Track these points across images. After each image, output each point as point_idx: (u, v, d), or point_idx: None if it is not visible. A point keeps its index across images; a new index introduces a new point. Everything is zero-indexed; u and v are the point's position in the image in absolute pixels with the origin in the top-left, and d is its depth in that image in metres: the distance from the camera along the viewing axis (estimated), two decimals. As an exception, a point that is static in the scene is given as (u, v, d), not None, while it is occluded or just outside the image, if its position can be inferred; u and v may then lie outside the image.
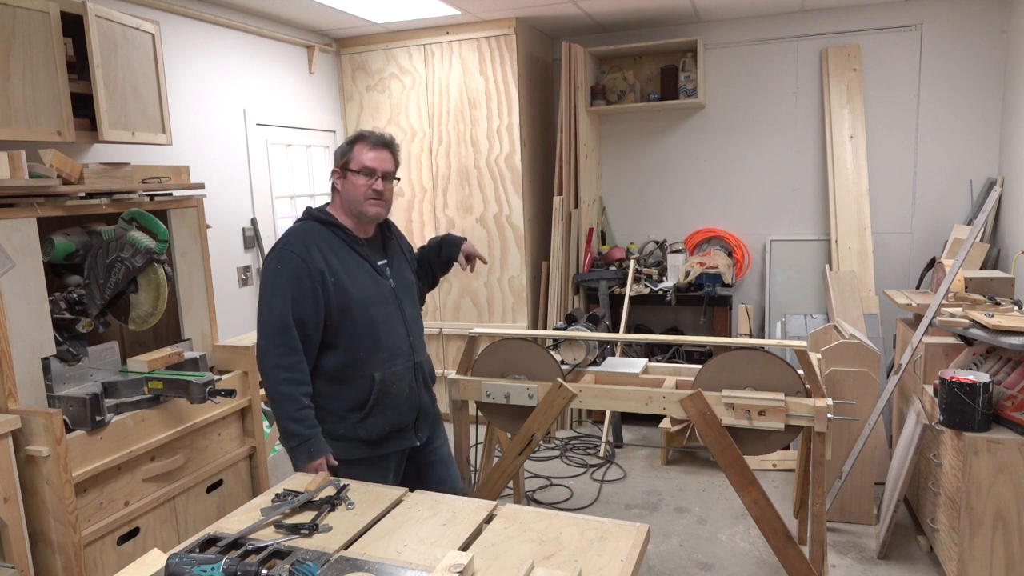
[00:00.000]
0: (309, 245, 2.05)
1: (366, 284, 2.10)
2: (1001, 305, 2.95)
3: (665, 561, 3.10)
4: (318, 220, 2.12)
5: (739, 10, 4.49)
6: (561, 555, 1.52)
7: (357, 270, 2.09)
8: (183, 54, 3.59)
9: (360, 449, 2.12)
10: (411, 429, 2.22)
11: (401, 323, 2.17)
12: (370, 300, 2.09)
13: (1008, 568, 2.59)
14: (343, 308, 2.05)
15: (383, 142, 2.13)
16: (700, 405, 2.39)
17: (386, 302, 2.14)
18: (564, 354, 2.79)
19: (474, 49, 4.50)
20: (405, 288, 2.24)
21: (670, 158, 4.98)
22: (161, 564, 1.45)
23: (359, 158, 2.09)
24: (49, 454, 2.10)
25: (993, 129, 4.29)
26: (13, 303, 2.14)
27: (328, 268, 2.04)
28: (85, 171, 2.39)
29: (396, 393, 2.14)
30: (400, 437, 2.20)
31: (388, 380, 2.11)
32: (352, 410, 2.09)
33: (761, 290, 4.87)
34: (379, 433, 2.13)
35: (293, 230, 2.11)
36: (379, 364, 2.10)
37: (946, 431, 2.75)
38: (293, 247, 2.04)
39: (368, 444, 2.13)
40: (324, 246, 2.06)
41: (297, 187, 4.58)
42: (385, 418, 2.13)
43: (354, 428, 2.10)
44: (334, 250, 2.08)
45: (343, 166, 2.11)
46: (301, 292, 2.00)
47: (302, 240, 2.06)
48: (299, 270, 2.00)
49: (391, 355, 2.13)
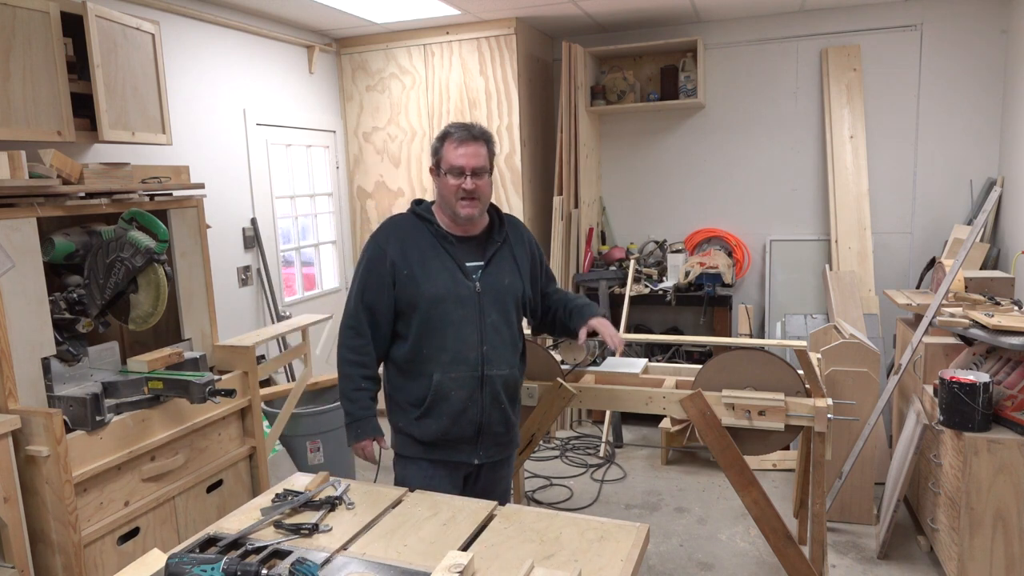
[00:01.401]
0: (391, 236, 2.06)
1: (442, 281, 2.02)
2: (1001, 305, 2.95)
3: (665, 561, 3.10)
4: (415, 214, 2.12)
5: (739, 10, 4.49)
6: (561, 555, 1.52)
7: (437, 266, 2.03)
8: (183, 54, 3.59)
9: (414, 447, 2.10)
10: (470, 444, 2.10)
11: (476, 329, 2.04)
12: (443, 298, 2.01)
13: (1008, 568, 2.59)
14: (411, 301, 2.03)
15: (471, 136, 2.02)
16: (700, 405, 2.39)
17: (463, 304, 2.03)
18: (564, 354, 2.79)
19: (474, 49, 4.50)
20: (495, 294, 2.08)
21: (670, 158, 4.98)
22: (161, 564, 1.45)
23: (448, 157, 2.02)
24: (49, 454, 2.10)
25: (993, 129, 4.29)
26: (13, 303, 2.14)
27: (403, 259, 2.03)
28: (85, 171, 2.39)
29: (454, 400, 2.04)
30: (456, 448, 2.09)
31: (446, 384, 2.03)
32: (412, 405, 2.07)
33: (761, 290, 4.87)
34: (432, 436, 2.06)
35: (387, 220, 2.14)
36: (440, 365, 2.03)
37: (946, 431, 2.75)
38: (377, 236, 2.09)
39: (422, 444, 2.09)
40: (408, 238, 2.06)
41: (297, 187, 4.57)
42: (440, 423, 2.05)
43: (411, 424, 2.08)
44: (418, 244, 2.05)
45: (437, 164, 2.06)
46: (373, 279, 2.04)
47: (387, 230, 2.09)
48: (374, 259, 2.05)
49: (454, 359, 2.03)
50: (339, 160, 4.91)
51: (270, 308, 4.17)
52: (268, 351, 4.11)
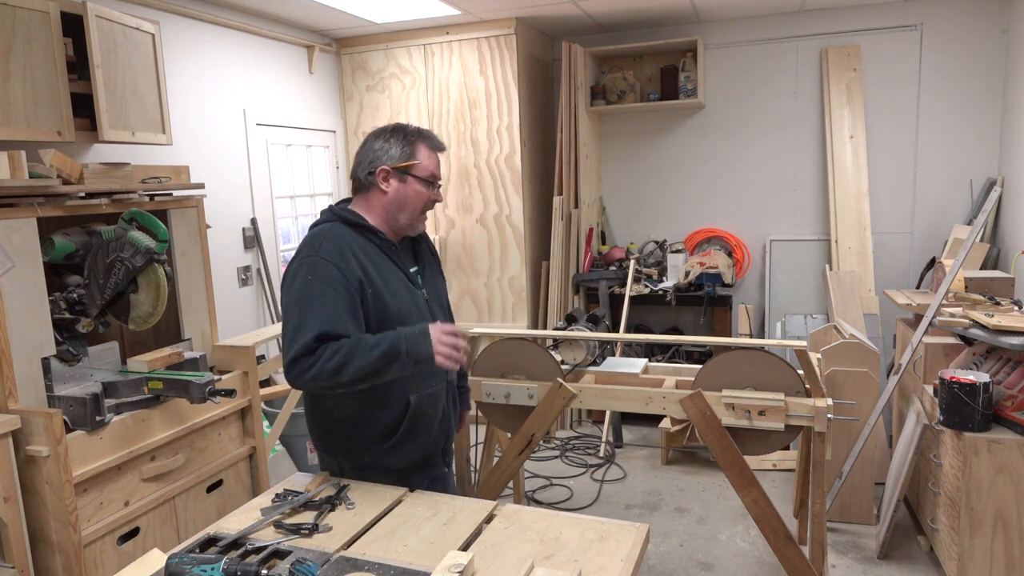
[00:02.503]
0: (343, 251, 1.74)
1: (403, 296, 1.82)
2: (1001, 305, 2.95)
3: (665, 561, 3.10)
4: (346, 222, 1.81)
5: (739, 10, 4.49)
6: (561, 555, 1.52)
7: (393, 280, 1.82)
8: (183, 54, 3.59)
9: (388, 478, 1.87)
10: (439, 456, 2.00)
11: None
12: (407, 313, 1.82)
13: (1008, 568, 2.59)
14: (380, 323, 1.77)
15: (442, 148, 1.88)
16: (700, 405, 2.39)
17: (421, 314, 1.86)
18: (564, 354, 2.79)
19: (474, 49, 4.50)
20: (438, 298, 1.98)
21: (670, 158, 4.98)
22: (161, 564, 1.45)
23: (425, 163, 1.82)
24: (49, 454, 2.10)
25: (993, 129, 4.29)
26: (13, 303, 2.14)
27: (366, 278, 1.75)
28: (85, 171, 2.39)
29: (430, 417, 1.90)
30: (430, 464, 1.96)
31: (423, 403, 1.86)
32: (382, 437, 1.85)
33: (761, 290, 4.87)
34: (408, 461, 1.90)
35: (322, 233, 1.78)
36: (415, 385, 1.84)
37: (946, 431, 2.75)
38: (326, 254, 1.73)
39: (396, 473, 1.88)
40: (360, 253, 1.77)
41: (297, 187, 4.58)
42: (417, 444, 1.89)
43: (382, 456, 1.86)
44: (369, 257, 1.78)
45: (402, 168, 1.81)
46: (338, 304, 1.69)
47: (335, 245, 1.75)
48: (335, 280, 1.70)
49: (427, 375, 1.85)
50: (339, 160, 4.91)
51: (270, 308, 4.17)
52: (268, 351, 4.11)
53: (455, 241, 4.74)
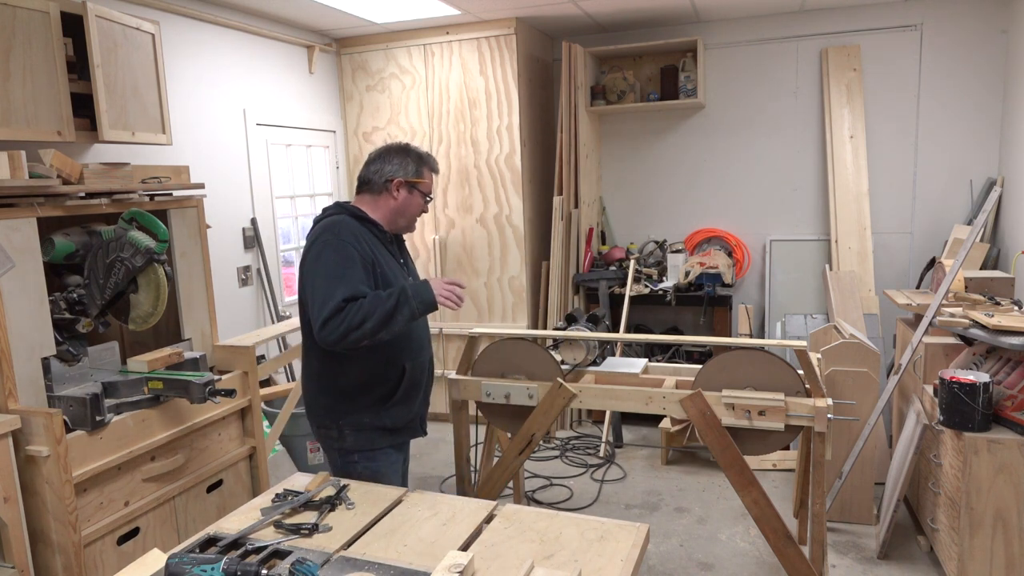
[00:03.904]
0: (358, 236, 2.11)
1: (399, 276, 2.19)
2: (1001, 305, 2.95)
3: (665, 561, 3.10)
4: (353, 215, 2.17)
5: (739, 10, 4.49)
6: (561, 555, 1.52)
7: (392, 264, 2.20)
8: (183, 54, 3.59)
9: (383, 438, 2.22)
10: (422, 420, 2.36)
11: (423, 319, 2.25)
12: None
13: (1008, 568, 2.59)
14: None
15: (439, 171, 2.36)
16: (700, 405, 2.39)
17: None
18: (564, 354, 2.79)
19: (474, 49, 4.50)
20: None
21: (670, 158, 4.98)
22: (161, 564, 1.45)
23: (428, 182, 2.26)
24: (49, 454, 2.10)
25: (993, 129, 4.29)
26: (13, 303, 2.14)
27: (374, 258, 2.13)
28: (85, 171, 2.39)
29: (422, 382, 2.28)
30: (414, 427, 2.32)
31: (416, 370, 2.24)
32: (381, 400, 2.18)
33: (761, 290, 4.87)
34: (403, 421, 2.24)
35: (338, 223, 2.12)
36: (410, 355, 2.21)
37: (946, 431, 2.75)
38: (343, 236, 2.08)
39: (391, 432, 2.23)
40: (364, 239, 2.14)
41: (297, 187, 4.58)
42: (409, 408, 2.25)
43: (380, 416, 2.19)
44: (372, 244, 2.16)
45: (412, 183, 2.21)
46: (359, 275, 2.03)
47: (351, 231, 2.11)
48: (354, 258, 2.05)
49: (420, 347, 2.26)
50: (339, 160, 4.91)
51: (270, 308, 4.17)
52: (268, 351, 4.12)
53: (455, 241, 4.74)
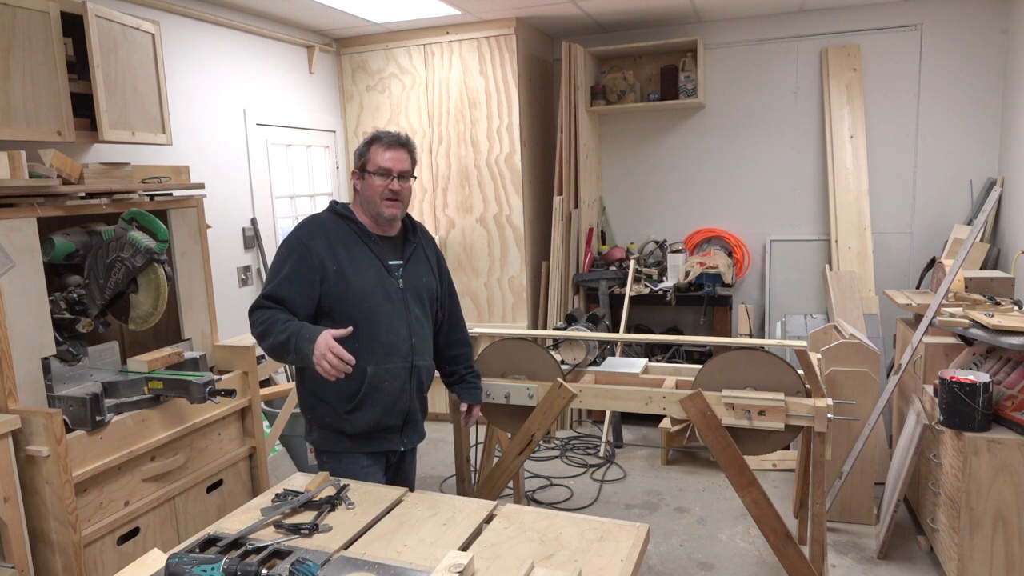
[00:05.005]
0: (315, 234, 2.11)
1: (370, 276, 2.12)
2: (1001, 305, 2.95)
3: (665, 561, 3.10)
4: (335, 213, 2.19)
5: (739, 10, 4.49)
6: (561, 555, 1.52)
7: (364, 263, 2.13)
8: (183, 54, 3.59)
9: (343, 442, 2.17)
10: (396, 433, 2.23)
11: (404, 323, 2.16)
12: (372, 292, 2.11)
13: (1008, 568, 2.59)
14: (341, 297, 2.08)
15: (399, 142, 2.17)
16: (700, 405, 2.39)
17: (391, 299, 2.14)
18: (564, 354, 2.79)
19: (474, 49, 4.50)
20: (416, 291, 2.22)
21: (670, 158, 4.98)
22: (161, 564, 1.45)
23: (375, 159, 2.14)
24: (49, 454, 2.10)
25: (993, 129, 4.29)
26: (13, 303, 2.14)
27: (332, 256, 2.09)
28: (85, 171, 2.39)
29: (387, 390, 2.15)
30: (385, 438, 2.21)
31: (380, 376, 2.12)
32: (344, 400, 2.12)
33: (761, 290, 4.87)
34: (363, 428, 2.15)
35: (311, 219, 2.18)
36: (374, 358, 2.11)
37: (946, 431, 2.75)
38: (301, 235, 2.12)
39: (351, 438, 2.16)
40: (334, 236, 2.12)
41: (297, 187, 4.58)
42: (372, 414, 2.14)
43: (340, 419, 2.14)
44: (343, 241, 2.13)
45: (361, 167, 2.17)
46: (296, 279, 2.06)
47: (311, 228, 2.13)
48: (301, 258, 2.07)
49: (388, 352, 2.13)
50: (339, 160, 4.91)
51: (270, 308, 4.17)
52: (268, 351, 4.11)
53: (455, 241, 4.74)
